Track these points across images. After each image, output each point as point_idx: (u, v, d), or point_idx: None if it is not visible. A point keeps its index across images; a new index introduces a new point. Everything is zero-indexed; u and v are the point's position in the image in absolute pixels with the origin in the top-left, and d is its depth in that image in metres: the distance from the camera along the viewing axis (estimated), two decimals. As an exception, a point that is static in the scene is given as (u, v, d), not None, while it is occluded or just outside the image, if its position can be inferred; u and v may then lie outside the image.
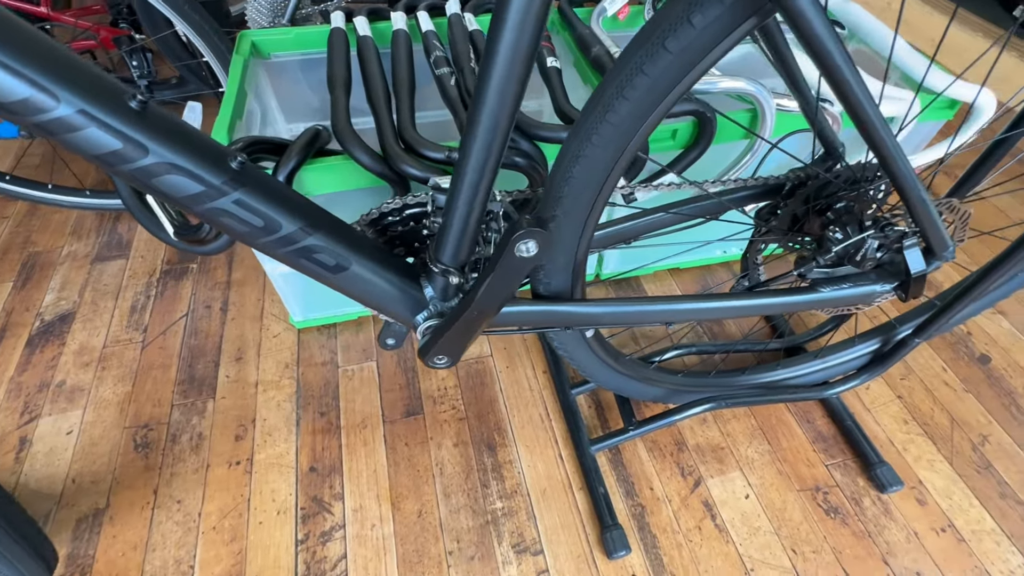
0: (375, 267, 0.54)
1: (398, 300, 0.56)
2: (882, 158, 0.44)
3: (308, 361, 0.99)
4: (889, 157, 0.43)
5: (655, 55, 0.41)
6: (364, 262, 0.53)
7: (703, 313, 0.59)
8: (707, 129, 0.80)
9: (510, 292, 0.49)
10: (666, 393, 0.86)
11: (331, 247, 0.50)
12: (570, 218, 0.53)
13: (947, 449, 0.92)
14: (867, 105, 0.40)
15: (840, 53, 0.39)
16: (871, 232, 0.53)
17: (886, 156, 0.43)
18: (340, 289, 0.54)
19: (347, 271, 0.52)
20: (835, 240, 0.54)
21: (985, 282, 0.70)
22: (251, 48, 0.96)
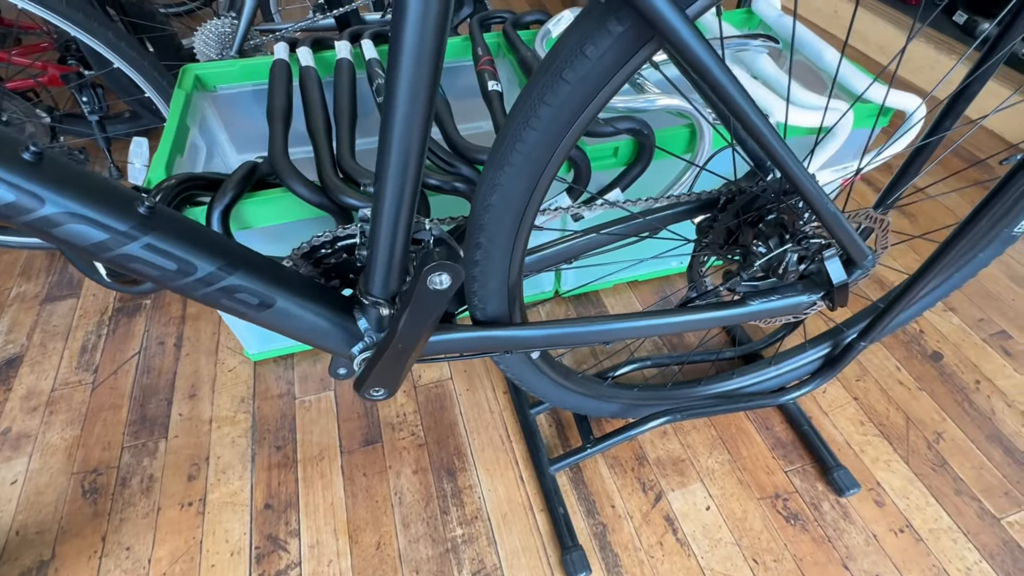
0: (303, 302, 0.53)
1: (331, 334, 0.56)
2: (785, 173, 0.45)
3: (264, 394, 0.98)
4: (791, 172, 0.45)
5: (555, 86, 0.42)
6: (290, 298, 0.52)
7: (636, 332, 0.59)
8: (646, 146, 0.82)
9: (430, 323, 0.49)
10: (623, 408, 0.86)
11: (253, 285, 0.50)
12: (495, 245, 0.53)
13: (903, 448, 0.93)
14: (760, 123, 0.41)
15: (727, 77, 0.40)
16: (790, 245, 0.54)
17: (787, 171, 0.44)
18: (268, 326, 0.54)
19: (272, 308, 0.52)
20: (758, 254, 0.55)
21: (919, 284, 0.72)
22: (195, 81, 0.96)
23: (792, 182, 0.45)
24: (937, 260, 0.69)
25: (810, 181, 0.46)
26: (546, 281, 1.10)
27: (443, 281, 0.44)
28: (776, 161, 0.44)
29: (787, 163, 0.43)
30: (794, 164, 0.44)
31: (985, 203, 0.62)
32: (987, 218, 0.63)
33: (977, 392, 1.00)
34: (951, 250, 0.67)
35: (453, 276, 0.44)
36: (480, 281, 0.57)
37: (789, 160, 0.43)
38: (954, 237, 0.66)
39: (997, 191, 0.61)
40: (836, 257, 0.54)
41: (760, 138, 0.43)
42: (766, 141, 0.42)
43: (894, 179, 0.69)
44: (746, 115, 0.42)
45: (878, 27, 1.96)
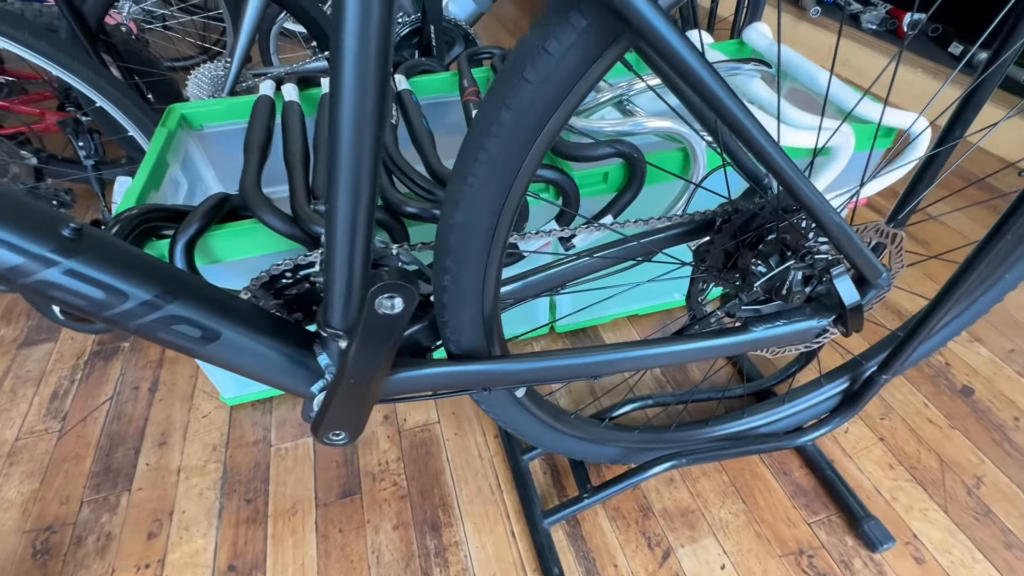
0: (254, 335, 0.48)
1: (287, 370, 0.50)
2: (782, 181, 0.40)
3: (238, 441, 0.91)
4: (788, 179, 0.40)
5: (517, 87, 0.38)
6: (239, 330, 0.47)
7: (627, 364, 0.53)
8: (637, 170, 0.78)
9: (384, 354, 0.43)
10: (622, 453, 0.79)
11: (195, 315, 0.45)
12: (465, 270, 0.48)
13: (940, 495, 0.83)
14: (750, 126, 0.37)
15: (714, 78, 0.36)
16: (792, 262, 0.48)
17: (784, 178, 0.40)
18: (217, 362, 0.48)
19: (219, 341, 0.47)
20: (757, 274, 0.50)
21: (941, 309, 0.65)
22: (180, 120, 0.95)
23: (791, 191, 0.40)
24: (959, 282, 0.63)
25: (811, 189, 0.41)
26: (540, 315, 1.04)
27: (394, 305, 0.39)
28: (771, 168, 0.39)
29: (783, 170, 0.39)
30: (791, 170, 0.39)
31: (1007, 216, 0.56)
32: (1012, 233, 0.57)
33: (1017, 430, 0.91)
34: (973, 270, 0.61)
35: (405, 299, 0.39)
36: (451, 310, 0.51)
37: (785, 167, 0.39)
38: (976, 256, 0.60)
39: (1020, 203, 0.55)
40: (846, 275, 0.48)
41: (751, 143, 0.39)
42: (758, 146, 0.38)
43: (906, 191, 0.64)
44: (734, 117, 0.37)
45: (877, 61, 1.96)
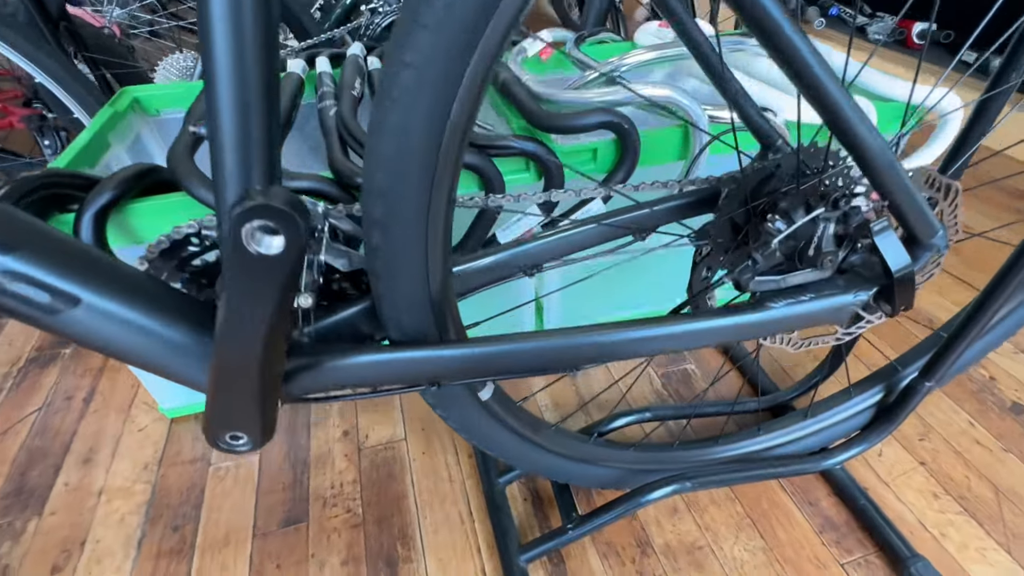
0: (129, 303, 0.37)
1: (173, 352, 0.39)
2: (829, 115, 0.30)
3: (173, 459, 0.79)
4: (838, 111, 0.29)
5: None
6: (107, 296, 0.36)
7: (609, 349, 0.41)
8: (628, 144, 0.68)
9: (266, 319, 0.32)
10: (615, 475, 0.66)
11: (39, 273, 0.34)
12: (400, 223, 0.37)
13: (999, 531, 0.69)
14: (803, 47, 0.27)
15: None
16: (822, 210, 0.37)
17: (834, 110, 0.29)
18: (76, 337, 0.38)
19: (77, 309, 0.36)
20: (775, 231, 0.39)
21: (997, 299, 0.54)
22: (132, 104, 0.87)
23: (837, 124, 0.30)
24: (1018, 264, 0.51)
25: (858, 116, 0.30)
26: (527, 320, 0.93)
27: (272, 244, 0.28)
28: (817, 96, 0.29)
29: (833, 95, 0.28)
30: (841, 97, 0.29)
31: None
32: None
33: (1083, 454, 0.77)
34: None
35: (288, 234, 0.28)
36: (385, 280, 0.41)
37: (835, 92, 0.28)
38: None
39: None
40: (891, 231, 0.37)
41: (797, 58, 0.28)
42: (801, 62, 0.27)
43: (958, 141, 0.53)
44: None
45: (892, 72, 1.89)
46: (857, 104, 0.34)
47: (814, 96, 0.34)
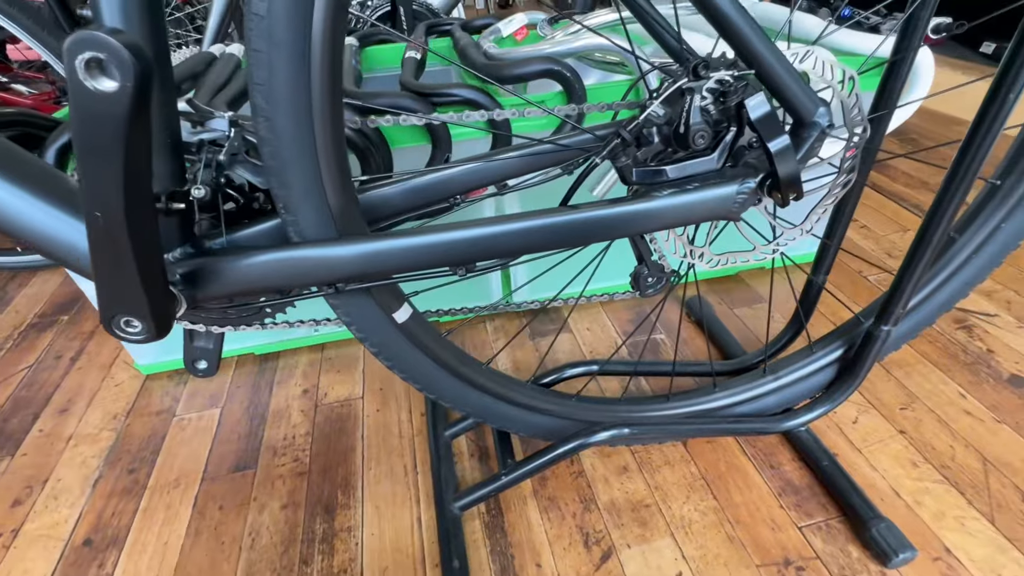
0: (11, 183, 0.39)
1: (57, 230, 0.41)
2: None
3: (142, 410, 0.82)
4: None
5: None
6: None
7: (485, 243, 0.41)
8: (572, 93, 0.69)
9: (116, 176, 0.32)
10: (553, 424, 0.64)
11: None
12: (280, 111, 0.39)
13: (983, 501, 0.63)
14: None
15: None
16: (684, 81, 0.36)
17: None
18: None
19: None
20: (653, 117, 0.38)
21: (935, 227, 0.50)
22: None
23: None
24: (950, 187, 0.48)
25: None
26: (495, 290, 0.93)
27: (105, 81, 0.29)
28: None
29: None
30: None
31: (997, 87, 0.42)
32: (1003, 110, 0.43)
33: (1089, 427, 0.70)
34: (965, 167, 0.47)
35: (122, 72, 0.29)
36: (278, 175, 0.42)
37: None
38: (967, 145, 0.46)
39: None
40: (764, 104, 0.36)
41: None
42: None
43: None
44: None
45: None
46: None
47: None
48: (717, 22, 0.33)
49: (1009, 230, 0.58)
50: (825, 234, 0.65)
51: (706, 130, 0.37)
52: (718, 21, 0.33)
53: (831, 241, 0.64)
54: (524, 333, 0.92)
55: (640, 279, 0.53)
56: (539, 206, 0.42)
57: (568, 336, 0.90)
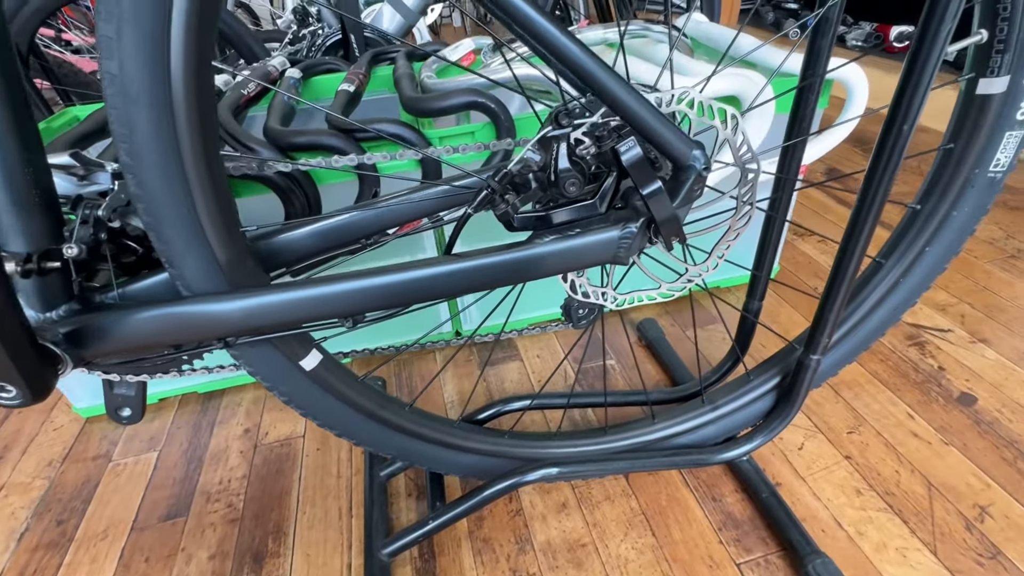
0: None
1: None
2: (545, 46, 0.29)
3: (79, 456, 0.80)
4: (549, 40, 0.29)
5: None
6: None
7: (366, 296, 0.40)
8: (499, 123, 0.68)
9: None
10: (483, 463, 0.62)
11: None
12: (145, 167, 0.38)
13: (926, 530, 0.61)
14: None
15: None
16: (548, 129, 0.35)
17: (546, 41, 0.29)
18: None
19: None
20: (530, 161, 0.37)
21: (850, 255, 0.50)
22: (71, 120, 0.94)
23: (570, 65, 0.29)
24: (860, 212, 0.48)
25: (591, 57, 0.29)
26: (445, 322, 0.92)
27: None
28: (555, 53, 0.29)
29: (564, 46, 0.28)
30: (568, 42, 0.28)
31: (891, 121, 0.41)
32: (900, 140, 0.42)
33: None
34: (872, 196, 0.46)
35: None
36: (154, 231, 0.41)
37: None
38: (869, 175, 0.45)
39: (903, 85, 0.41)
40: (635, 150, 0.35)
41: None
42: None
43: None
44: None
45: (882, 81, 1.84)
46: (571, 34, 0.33)
47: (524, 29, 0.33)
48: (577, 73, 0.33)
49: (934, 253, 0.57)
50: (754, 265, 0.64)
51: (577, 178, 0.36)
52: (578, 73, 0.33)
53: (760, 272, 0.63)
54: (474, 362, 0.91)
55: (571, 310, 0.52)
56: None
57: (517, 364, 0.89)
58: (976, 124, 0.49)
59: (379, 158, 0.52)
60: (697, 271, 0.45)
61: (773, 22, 2.34)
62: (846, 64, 0.66)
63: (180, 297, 0.44)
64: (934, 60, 0.40)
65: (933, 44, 0.40)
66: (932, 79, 0.41)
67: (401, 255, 0.81)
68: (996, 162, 0.51)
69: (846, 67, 0.73)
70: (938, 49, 0.40)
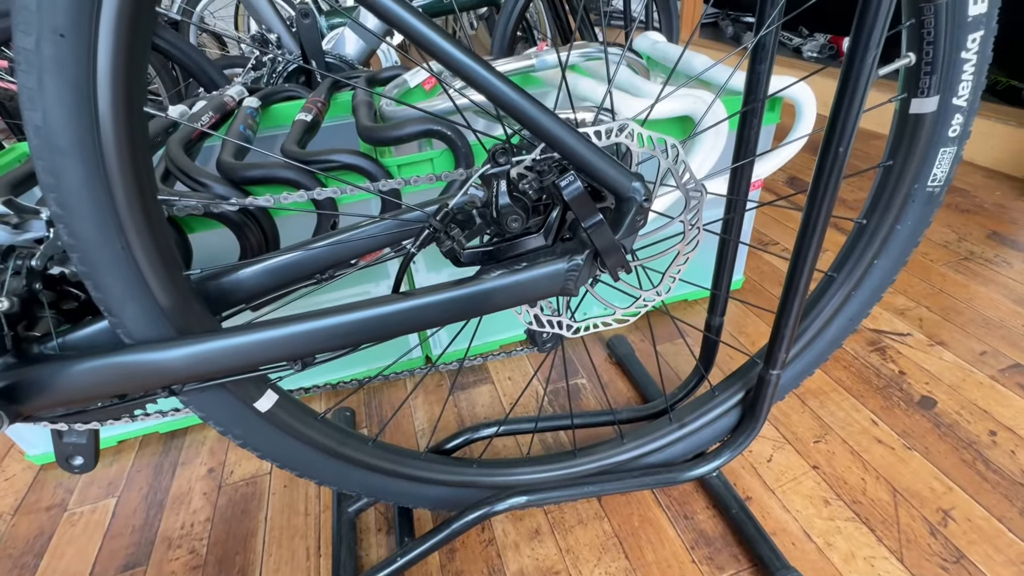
0: None
1: None
2: (480, 88, 0.29)
3: (31, 506, 0.76)
4: (484, 83, 0.29)
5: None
6: None
7: (321, 337, 0.39)
8: (456, 151, 0.68)
9: None
10: (451, 494, 0.61)
11: None
12: (76, 217, 0.37)
13: (892, 537, 0.62)
14: None
15: None
16: (487, 168, 0.36)
17: (482, 84, 0.29)
18: None
19: None
20: (474, 198, 0.37)
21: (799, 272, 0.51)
22: (21, 157, 0.91)
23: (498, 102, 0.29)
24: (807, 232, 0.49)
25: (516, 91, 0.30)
26: (414, 347, 0.91)
27: None
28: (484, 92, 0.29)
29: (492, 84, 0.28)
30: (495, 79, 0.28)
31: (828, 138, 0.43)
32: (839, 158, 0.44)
33: (994, 447, 0.70)
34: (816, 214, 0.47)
35: None
36: (90, 280, 0.40)
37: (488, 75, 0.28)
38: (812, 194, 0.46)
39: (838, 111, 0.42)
40: (576, 186, 0.35)
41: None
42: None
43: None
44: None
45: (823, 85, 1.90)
46: (501, 75, 0.33)
47: (453, 69, 0.33)
48: (510, 112, 0.33)
49: (883, 265, 0.58)
50: (713, 284, 0.65)
51: (518, 214, 0.36)
52: (510, 112, 0.33)
53: (719, 291, 0.64)
54: (444, 387, 0.90)
55: (535, 334, 0.52)
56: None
57: (488, 387, 0.88)
58: (912, 142, 0.51)
59: (331, 193, 0.51)
60: (651, 295, 0.46)
61: (732, 35, 2.41)
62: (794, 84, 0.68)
63: (122, 346, 0.43)
64: (863, 85, 0.42)
65: (861, 69, 0.41)
66: (863, 103, 0.42)
67: (363, 282, 0.80)
68: (933, 177, 0.52)
69: (795, 86, 0.75)
70: (866, 74, 0.41)
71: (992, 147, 1.40)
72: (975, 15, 0.44)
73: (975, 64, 0.46)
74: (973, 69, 0.46)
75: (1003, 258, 1.05)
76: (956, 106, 0.48)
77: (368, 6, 0.32)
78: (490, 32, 3.05)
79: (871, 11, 0.40)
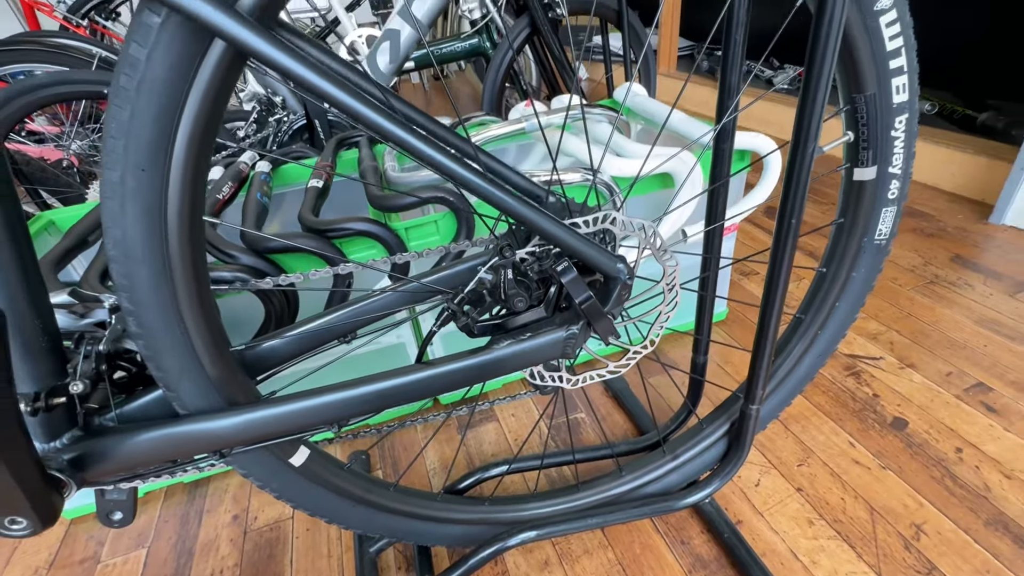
0: None
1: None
2: (471, 190, 0.36)
3: (65, 560, 0.80)
4: (474, 187, 0.36)
5: (118, 94, 0.36)
6: None
7: (349, 404, 0.45)
8: (459, 214, 0.75)
9: None
10: (467, 532, 0.67)
11: None
12: (143, 307, 0.43)
13: (871, 553, 0.68)
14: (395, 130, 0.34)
15: (343, 91, 0.34)
16: (495, 260, 0.42)
17: (472, 187, 0.36)
18: None
19: None
20: (483, 282, 0.44)
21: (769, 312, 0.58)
22: (47, 225, 0.97)
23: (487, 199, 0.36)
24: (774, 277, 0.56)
25: (507, 193, 0.37)
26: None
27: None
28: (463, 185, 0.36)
29: (475, 183, 0.35)
30: (478, 179, 0.35)
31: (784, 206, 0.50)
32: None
33: (960, 464, 0.77)
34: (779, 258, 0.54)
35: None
36: (153, 362, 0.46)
37: (473, 178, 0.35)
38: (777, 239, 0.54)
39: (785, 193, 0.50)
40: (571, 271, 0.42)
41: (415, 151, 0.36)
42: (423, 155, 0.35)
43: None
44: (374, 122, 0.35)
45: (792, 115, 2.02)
46: (490, 179, 0.40)
47: (446, 174, 0.40)
48: (506, 212, 0.40)
49: (843, 308, 0.66)
50: (696, 329, 0.72)
51: (523, 295, 0.43)
52: (506, 212, 0.40)
53: (701, 336, 0.71)
54: (452, 427, 0.95)
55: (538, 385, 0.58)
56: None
57: (494, 425, 0.94)
58: (858, 203, 0.59)
59: (352, 268, 0.58)
60: (638, 349, 0.52)
61: (708, 70, 2.54)
62: (759, 140, 0.76)
63: (177, 416, 0.49)
64: (807, 165, 0.49)
65: (804, 154, 0.49)
66: (807, 183, 0.49)
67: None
68: (879, 232, 0.60)
69: (763, 142, 0.83)
70: (808, 157, 0.49)
71: (953, 173, 1.50)
72: (899, 102, 0.52)
73: (903, 141, 0.54)
74: (903, 144, 0.54)
75: (965, 280, 1.14)
76: (892, 174, 0.56)
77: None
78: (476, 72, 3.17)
79: (808, 102, 0.48)
